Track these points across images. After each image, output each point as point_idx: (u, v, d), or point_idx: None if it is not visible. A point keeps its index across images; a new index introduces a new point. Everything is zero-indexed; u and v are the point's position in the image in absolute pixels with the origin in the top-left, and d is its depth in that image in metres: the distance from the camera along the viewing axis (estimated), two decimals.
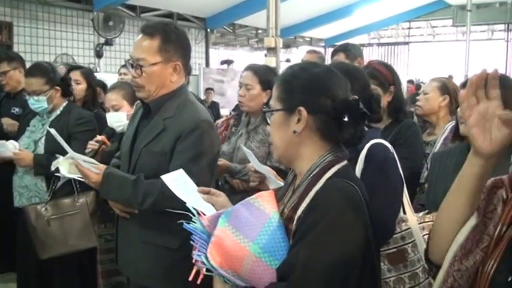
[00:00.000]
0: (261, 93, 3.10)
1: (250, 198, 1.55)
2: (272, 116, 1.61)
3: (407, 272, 2.02)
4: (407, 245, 2.04)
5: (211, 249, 1.49)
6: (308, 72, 1.59)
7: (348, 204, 1.43)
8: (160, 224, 2.28)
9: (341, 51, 4.02)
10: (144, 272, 2.36)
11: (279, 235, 1.48)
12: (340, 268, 1.39)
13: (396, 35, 22.55)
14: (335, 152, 1.56)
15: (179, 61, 2.34)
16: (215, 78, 14.32)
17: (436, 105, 3.45)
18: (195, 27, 14.81)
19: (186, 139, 2.25)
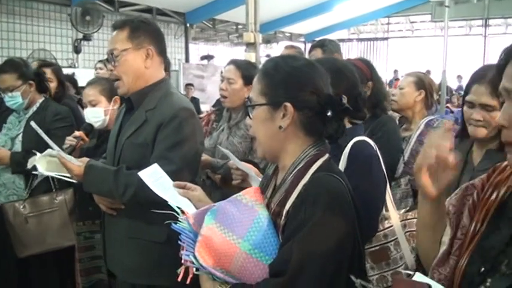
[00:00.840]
0: (243, 88, 3.08)
1: (237, 195, 1.55)
2: (255, 111, 1.58)
3: (390, 269, 2.02)
4: (390, 243, 2.04)
5: (199, 248, 1.47)
6: (291, 65, 1.57)
7: (336, 197, 1.44)
8: (146, 218, 2.26)
9: (318, 47, 4.02)
10: (132, 268, 2.36)
11: (269, 231, 1.48)
12: (333, 260, 1.41)
13: (375, 30, 22.71)
14: (317, 145, 1.56)
15: (151, 46, 2.36)
16: (195, 74, 14.24)
17: (412, 100, 3.45)
18: (174, 22, 14.72)
19: (166, 127, 2.26)
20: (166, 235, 2.24)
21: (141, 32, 2.35)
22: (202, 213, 1.54)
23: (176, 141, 2.24)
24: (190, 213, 1.57)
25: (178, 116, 2.27)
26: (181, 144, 2.25)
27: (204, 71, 14.54)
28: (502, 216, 1.18)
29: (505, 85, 1.12)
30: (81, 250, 3.20)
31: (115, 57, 2.32)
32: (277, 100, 1.53)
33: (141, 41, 2.34)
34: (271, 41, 19.70)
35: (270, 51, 18.12)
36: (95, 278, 3.20)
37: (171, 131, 2.25)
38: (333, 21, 18.98)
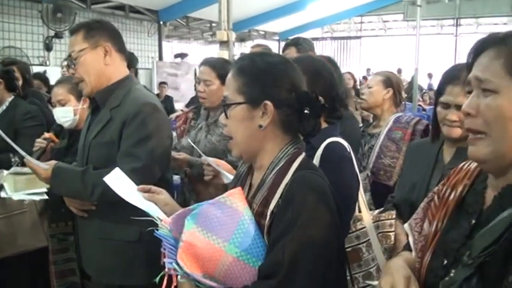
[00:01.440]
0: (220, 88, 3.05)
1: (220, 197, 1.51)
2: (232, 110, 1.54)
3: (362, 271, 2.02)
4: (362, 244, 2.04)
5: (181, 254, 1.43)
6: (267, 62, 1.55)
7: (322, 195, 1.44)
8: (117, 217, 2.26)
9: (292, 45, 4.03)
10: (106, 269, 2.35)
11: (253, 232, 1.46)
12: (325, 257, 1.41)
13: (349, 29, 22.87)
14: (295, 144, 1.55)
15: (108, 43, 2.37)
16: (169, 72, 14.12)
17: (380, 98, 3.53)
18: (147, 20, 14.59)
19: (131, 124, 2.25)
20: (139, 234, 2.25)
21: (96, 31, 2.36)
22: (180, 218, 1.51)
23: (141, 137, 2.23)
24: (168, 219, 1.54)
25: (142, 112, 2.25)
26: (146, 140, 2.24)
27: (177, 69, 14.44)
28: (462, 212, 1.26)
29: (476, 74, 1.15)
30: (55, 252, 3.15)
31: (74, 60, 2.33)
32: (257, 98, 1.50)
33: (97, 40, 2.35)
34: (246, 39, 19.69)
35: (244, 49, 18.11)
36: (69, 281, 3.15)
37: (135, 127, 2.24)
38: (306, 20, 19.05)
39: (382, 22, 22.15)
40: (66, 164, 2.41)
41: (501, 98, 1.10)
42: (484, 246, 1.07)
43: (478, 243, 1.10)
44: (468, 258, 1.11)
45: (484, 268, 1.07)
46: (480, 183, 1.27)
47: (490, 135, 1.13)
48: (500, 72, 1.11)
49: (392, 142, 3.30)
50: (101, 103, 2.39)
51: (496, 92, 1.11)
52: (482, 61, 1.15)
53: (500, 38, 1.15)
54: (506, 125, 1.10)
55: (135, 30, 14.48)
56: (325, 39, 23.06)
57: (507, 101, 1.10)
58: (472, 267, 1.08)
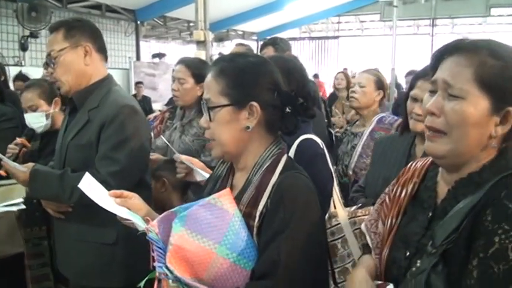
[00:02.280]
0: (194, 87, 3.07)
1: (210, 199, 1.49)
2: (217, 113, 1.51)
3: (337, 267, 2.04)
4: (337, 240, 2.05)
5: (170, 258, 1.41)
6: (247, 62, 1.54)
7: (309, 194, 1.47)
8: (94, 220, 2.24)
9: (270, 45, 4.05)
10: (84, 271, 2.32)
11: (244, 233, 1.45)
12: (316, 257, 1.46)
13: (326, 29, 22.96)
14: (278, 143, 1.56)
15: (88, 43, 2.34)
16: (146, 72, 14.05)
17: (372, 100, 3.48)
18: (124, 19, 14.50)
19: (109, 127, 2.23)
20: (116, 236, 2.23)
21: (77, 30, 2.33)
22: (164, 221, 1.50)
23: (120, 140, 2.22)
24: (154, 222, 1.51)
25: (120, 114, 2.23)
26: (125, 143, 2.22)
27: (155, 69, 14.38)
28: (417, 208, 1.35)
29: (445, 79, 1.21)
30: (31, 257, 3.11)
31: (53, 59, 2.29)
32: (242, 100, 1.49)
33: (78, 39, 2.32)
34: (224, 39, 19.67)
35: (222, 49, 18.09)
36: (45, 286, 3.12)
37: (114, 130, 2.22)
38: (284, 20, 19.09)
39: (359, 22, 22.29)
40: (44, 167, 2.38)
41: (467, 104, 1.18)
42: (446, 235, 1.16)
43: (440, 232, 1.18)
44: (432, 247, 1.18)
45: (447, 255, 1.16)
46: (430, 180, 1.36)
47: (450, 136, 1.21)
48: (470, 80, 1.17)
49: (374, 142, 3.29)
50: (79, 104, 2.36)
51: (463, 98, 1.18)
52: (451, 66, 1.21)
53: (472, 46, 1.21)
54: (467, 130, 1.18)
55: (112, 30, 14.37)
56: (303, 39, 23.11)
57: (472, 108, 1.17)
58: (436, 256, 1.16)
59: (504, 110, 1.17)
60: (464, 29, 20.61)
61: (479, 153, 1.21)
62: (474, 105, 1.17)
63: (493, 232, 1.09)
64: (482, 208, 1.13)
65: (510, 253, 1.07)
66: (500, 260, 1.07)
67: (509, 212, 1.09)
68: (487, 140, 1.19)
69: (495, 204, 1.12)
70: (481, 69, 1.17)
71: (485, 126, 1.18)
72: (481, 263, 1.09)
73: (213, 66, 1.59)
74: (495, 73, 1.16)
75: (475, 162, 1.22)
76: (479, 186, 1.19)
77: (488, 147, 1.21)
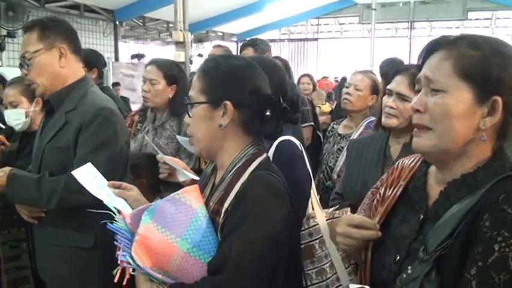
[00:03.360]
0: (166, 88, 3.05)
1: (175, 194, 1.54)
2: (194, 109, 1.57)
3: (315, 268, 2.05)
4: (315, 241, 2.06)
5: (136, 248, 1.46)
6: (231, 64, 1.58)
7: (273, 195, 1.47)
8: (72, 224, 2.22)
9: (249, 45, 4.06)
10: (61, 276, 2.29)
11: (207, 229, 1.48)
12: (271, 257, 1.43)
13: (306, 31, 23.06)
14: (256, 145, 1.58)
15: (63, 45, 2.30)
16: (125, 73, 13.93)
17: (366, 105, 3.41)
18: (103, 20, 14.35)
19: (87, 129, 2.20)
20: (94, 240, 2.21)
21: (51, 31, 2.29)
22: (139, 213, 1.53)
23: (99, 143, 2.19)
24: (127, 213, 1.56)
25: (99, 117, 2.21)
26: (104, 146, 2.20)
27: (134, 70, 14.24)
28: (408, 209, 1.32)
29: (426, 74, 1.21)
30: (7, 260, 3.04)
31: (28, 61, 2.26)
32: (217, 98, 1.54)
33: (52, 41, 2.28)
34: (204, 40, 19.61)
35: (202, 50, 18.04)
36: None
37: (92, 132, 2.18)
38: (264, 22, 19.11)
39: (338, 25, 22.41)
40: (21, 171, 2.33)
41: (449, 96, 1.16)
42: (439, 241, 1.12)
43: (433, 238, 1.14)
44: (424, 254, 1.14)
45: (441, 262, 1.11)
46: (419, 180, 1.33)
47: (435, 131, 1.19)
48: (449, 72, 1.16)
49: None
50: (56, 105, 2.32)
51: (444, 91, 1.17)
52: (432, 61, 1.21)
53: (451, 40, 1.21)
54: (451, 122, 1.16)
55: (90, 30, 14.21)
56: (282, 41, 23.18)
57: (454, 100, 1.15)
58: (429, 262, 1.12)
59: (490, 99, 1.15)
60: (441, 32, 20.79)
61: (469, 148, 1.19)
62: (456, 97, 1.16)
63: (492, 239, 1.05)
64: (478, 213, 1.10)
65: (511, 262, 1.03)
66: (501, 269, 1.03)
67: (509, 218, 1.05)
68: (474, 133, 1.17)
69: (493, 209, 1.08)
70: (460, 61, 1.16)
71: (470, 119, 1.16)
72: (481, 272, 1.05)
73: (200, 66, 1.65)
74: (475, 63, 1.15)
75: (467, 159, 1.20)
76: (474, 188, 1.15)
77: (478, 141, 1.18)
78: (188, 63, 5.02)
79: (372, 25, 12.69)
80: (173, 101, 3.07)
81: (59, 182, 2.14)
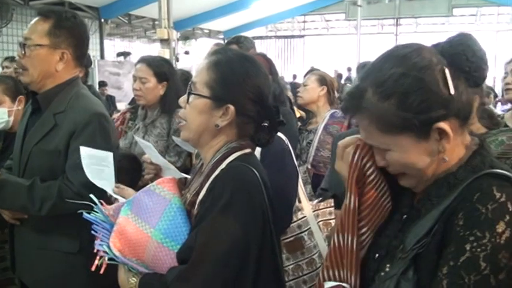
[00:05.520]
0: (157, 86, 3.03)
1: (151, 185, 1.55)
2: (195, 99, 1.54)
3: (305, 258, 2.08)
4: (304, 232, 2.09)
5: (114, 238, 1.48)
6: (245, 70, 1.54)
7: (244, 185, 1.44)
8: (57, 227, 2.16)
9: (234, 43, 4.05)
10: (44, 280, 2.23)
11: (180, 220, 1.49)
12: (238, 249, 1.40)
13: (292, 28, 23.10)
14: (239, 141, 1.56)
15: (68, 50, 2.20)
16: (111, 71, 13.82)
17: (315, 95, 3.79)
18: (88, 17, 14.23)
19: (81, 135, 2.11)
20: (79, 246, 2.15)
21: (64, 31, 2.18)
22: (121, 206, 1.55)
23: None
24: (110, 206, 1.57)
25: (92, 122, 2.14)
26: None
27: (120, 68, 14.15)
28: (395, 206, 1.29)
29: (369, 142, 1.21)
30: None
31: (27, 47, 2.15)
32: (222, 99, 1.51)
33: (60, 42, 2.17)
34: (190, 37, 19.57)
35: (189, 48, 18.01)
36: None
37: (86, 139, 2.10)
38: (251, 19, 19.12)
39: (324, 21, 22.47)
40: (11, 176, 2.25)
41: (395, 152, 1.16)
42: (417, 239, 1.12)
43: (410, 236, 1.15)
44: (402, 252, 1.15)
45: (418, 260, 1.11)
46: None
47: (410, 174, 1.20)
48: (380, 134, 1.15)
49: (330, 136, 3.50)
50: (44, 105, 2.22)
51: (389, 149, 1.17)
52: (361, 126, 1.21)
53: (355, 107, 1.18)
54: (415, 168, 1.16)
55: None
56: (269, 38, 23.20)
57: (402, 153, 1.15)
58: (406, 261, 1.12)
59: (433, 128, 1.12)
60: (427, 28, 20.95)
61: (442, 164, 1.18)
62: (402, 150, 1.15)
63: (465, 239, 1.04)
64: (454, 211, 1.09)
65: (482, 263, 1.02)
66: (472, 270, 1.02)
67: (482, 218, 1.04)
68: (436, 155, 1.15)
69: (467, 208, 1.07)
70: (379, 121, 1.13)
71: (429, 152, 1.15)
72: (451, 272, 1.04)
73: (212, 54, 1.60)
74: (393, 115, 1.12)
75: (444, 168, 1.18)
76: (454, 186, 1.14)
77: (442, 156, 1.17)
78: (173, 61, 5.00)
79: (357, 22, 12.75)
80: (164, 98, 3.05)
81: (52, 188, 2.07)
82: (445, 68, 1.13)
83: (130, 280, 1.50)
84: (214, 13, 16.85)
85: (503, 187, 1.08)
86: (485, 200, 1.06)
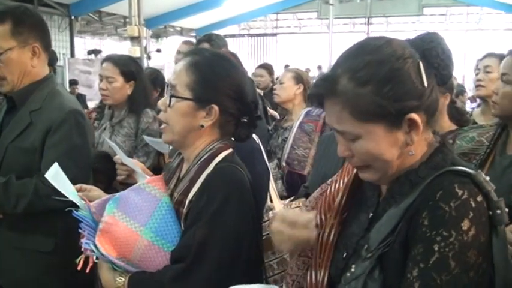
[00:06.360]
0: (124, 85, 2.98)
1: (141, 183, 1.57)
2: (178, 102, 1.55)
3: (276, 258, 2.08)
4: None
5: (100, 237, 1.48)
6: (225, 69, 1.58)
7: (236, 186, 1.49)
8: (32, 226, 2.14)
9: (205, 41, 4.04)
10: (20, 279, 2.20)
11: (170, 218, 1.51)
12: (233, 244, 1.45)
13: (265, 26, 23.14)
14: (223, 140, 1.60)
15: (37, 43, 2.18)
16: (81, 69, 13.63)
17: (292, 93, 3.77)
18: (57, 14, 14.06)
19: (57, 132, 2.11)
20: (54, 244, 2.14)
21: (25, 26, 2.15)
22: (104, 202, 1.55)
23: (70, 147, 2.11)
24: (93, 203, 1.57)
25: (68, 120, 2.12)
26: (75, 151, 2.13)
27: (91, 66, 13.94)
28: (362, 205, 1.30)
29: (334, 127, 1.19)
30: None
31: None
32: (205, 100, 1.53)
33: (26, 38, 2.14)
34: (162, 35, 19.45)
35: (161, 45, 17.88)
36: None
37: (62, 136, 2.10)
38: (223, 17, 19.09)
39: (297, 20, 22.55)
40: None
41: (365, 141, 1.14)
42: (381, 238, 1.12)
43: (375, 236, 1.15)
44: (366, 251, 1.14)
45: (383, 259, 1.11)
46: None
47: (373, 167, 1.18)
48: (352, 121, 1.13)
49: (304, 134, 3.52)
50: (19, 103, 2.20)
51: (359, 137, 1.15)
52: (331, 112, 1.18)
53: (329, 90, 1.15)
54: (381, 159, 1.15)
55: None
56: (242, 36, 23.20)
57: (371, 142, 1.14)
58: (372, 260, 1.12)
59: (403, 120, 1.12)
60: (398, 27, 21.17)
61: (407, 159, 1.18)
62: (372, 138, 1.13)
63: (432, 239, 1.04)
64: (417, 210, 1.09)
65: (451, 262, 1.02)
66: (442, 270, 1.03)
67: (447, 216, 1.04)
68: (403, 147, 1.15)
69: (431, 207, 1.06)
70: (355, 106, 1.12)
71: (396, 144, 1.14)
72: (423, 274, 1.04)
73: (190, 54, 1.62)
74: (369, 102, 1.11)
75: (407, 162, 1.18)
76: (416, 184, 1.14)
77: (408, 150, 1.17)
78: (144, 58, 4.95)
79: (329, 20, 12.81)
80: (132, 98, 3.01)
81: (28, 186, 2.05)
82: (419, 61, 1.14)
83: (118, 279, 1.50)
84: (186, 11, 16.78)
85: (465, 184, 1.08)
86: (447, 198, 1.06)
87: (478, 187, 1.09)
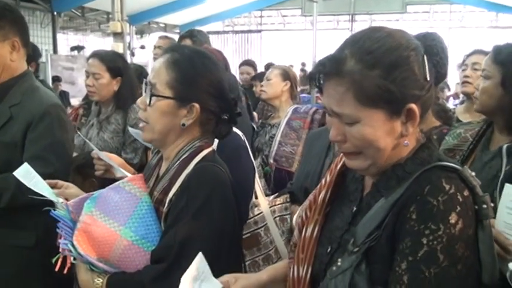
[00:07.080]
0: (111, 82, 2.97)
1: (120, 182, 1.55)
2: (158, 101, 1.53)
3: (261, 254, 2.09)
4: (260, 229, 2.10)
5: (78, 237, 1.46)
6: (205, 66, 1.56)
7: (217, 185, 1.49)
8: (12, 221, 2.14)
9: (187, 37, 4.05)
10: (1, 275, 2.20)
11: (150, 218, 1.50)
12: (214, 243, 1.45)
13: (249, 23, 23.08)
14: (203, 138, 1.60)
15: (16, 37, 2.20)
16: (64, 66, 13.47)
17: (279, 90, 3.84)
18: (40, 10, 13.87)
19: (38, 126, 2.12)
20: (35, 240, 2.14)
21: (6, 21, 2.17)
22: (82, 201, 1.52)
23: (52, 141, 2.12)
24: (70, 201, 1.55)
25: (49, 114, 2.14)
26: (56, 144, 2.14)
27: (74, 63, 13.79)
28: (345, 200, 1.32)
29: (333, 109, 1.18)
30: None
31: None
32: (186, 98, 1.52)
33: (6, 32, 2.16)
34: (145, 31, 19.31)
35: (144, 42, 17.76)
36: None
37: (44, 130, 2.11)
38: (207, 13, 18.99)
39: (281, 17, 22.54)
40: None
41: (363, 126, 1.15)
42: (368, 232, 1.13)
43: (361, 230, 1.16)
44: (353, 246, 1.16)
45: (370, 253, 1.13)
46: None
47: (365, 154, 1.19)
48: (355, 104, 1.14)
49: (292, 131, 3.53)
50: None
51: (358, 122, 1.15)
52: (332, 93, 1.17)
53: (335, 70, 1.15)
54: (375, 146, 1.16)
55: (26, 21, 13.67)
56: (226, 33, 23.13)
57: (369, 128, 1.14)
58: (358, 255, 1.13)
59: (403, 109, 1.14)
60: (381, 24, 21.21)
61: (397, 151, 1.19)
62: (371, 124, 1.14)
63: (420, 233, 1.06)
64: (405, 204, 1.10)
65: (440, 255, 1.04)
66: (431, 263, 1.04)
67: (435, 210, 1.06)
68: (398, 138, 1.17)
69: (419, 201, 1.08)
70: (360, 89, 1.12)
71: (391, 133, 1.16)
72: (411, 267, 1.05)
73: (168, 52, 1.59)
74: (375, 86, 1.12)
75: (396, 155, 1.20)
76: (403, 179, 1.15)
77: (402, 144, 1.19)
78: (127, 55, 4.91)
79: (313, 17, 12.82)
80: (118, 94, 3.01)
81: (10, 179, 2.03)
82: (423, 54, 1.16)
83: (96, 281, 1.48)
84: (170, 7, 16.66)
85: (451, 179, 1.10)
86: (435, 192, 1.08)
87: (464, 182, 1.11)
